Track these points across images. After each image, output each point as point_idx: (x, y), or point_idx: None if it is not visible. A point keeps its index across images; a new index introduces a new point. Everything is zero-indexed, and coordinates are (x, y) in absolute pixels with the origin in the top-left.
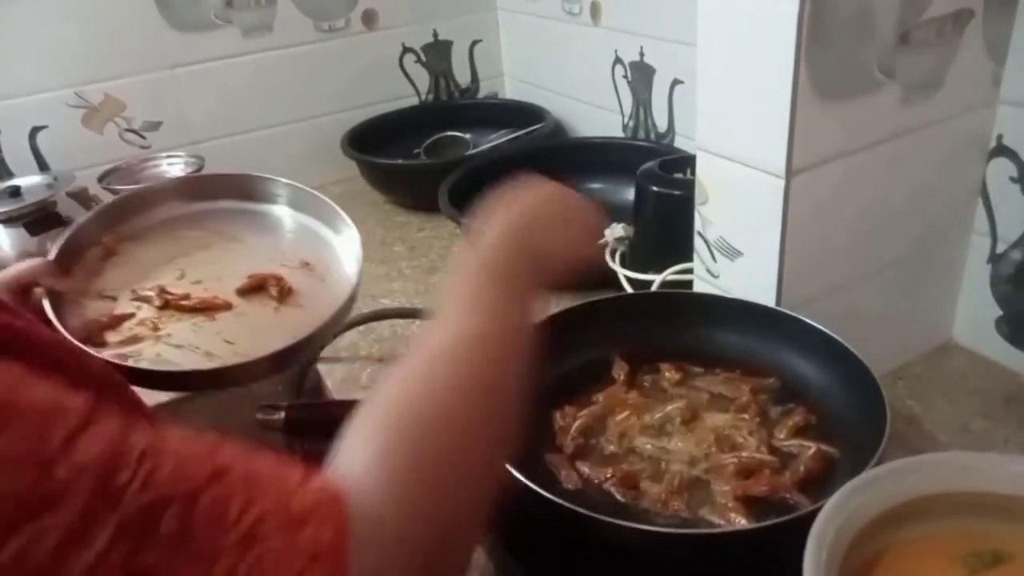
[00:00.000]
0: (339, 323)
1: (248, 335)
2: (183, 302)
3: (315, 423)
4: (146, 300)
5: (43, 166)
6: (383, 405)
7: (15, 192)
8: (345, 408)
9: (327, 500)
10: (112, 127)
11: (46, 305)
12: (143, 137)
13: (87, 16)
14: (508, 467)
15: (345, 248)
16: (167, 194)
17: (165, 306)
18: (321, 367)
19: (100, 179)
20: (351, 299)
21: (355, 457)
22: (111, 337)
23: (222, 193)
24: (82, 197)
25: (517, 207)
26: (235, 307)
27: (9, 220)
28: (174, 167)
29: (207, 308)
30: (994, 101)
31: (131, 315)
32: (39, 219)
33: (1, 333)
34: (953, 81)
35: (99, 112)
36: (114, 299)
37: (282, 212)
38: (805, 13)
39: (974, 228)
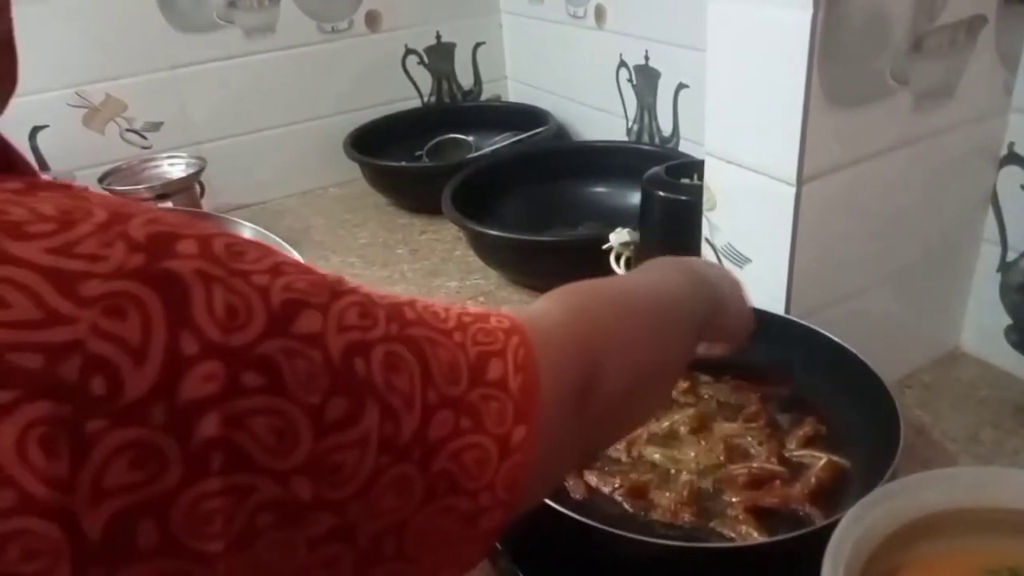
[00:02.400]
0: None
1: None
2: None
3: None
4: None
5: (43, 166)
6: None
7: None
8: None
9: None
10: (113, 127)
11: None
12: (144, 137)
13: (89, 16)
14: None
15: None
16: None
17: None
18: None
19: (100, 180)
20: None
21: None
22: None
23: None
24: None
25: (726, 276)
26: None
27: None
28: (175, 168)
29: None
30: (1006, 109)
31: None
32: None
33: None
34: (965, 89)
35: (100, 112)
36: None
37: None
38: (818, 20)
39: (984, 236)
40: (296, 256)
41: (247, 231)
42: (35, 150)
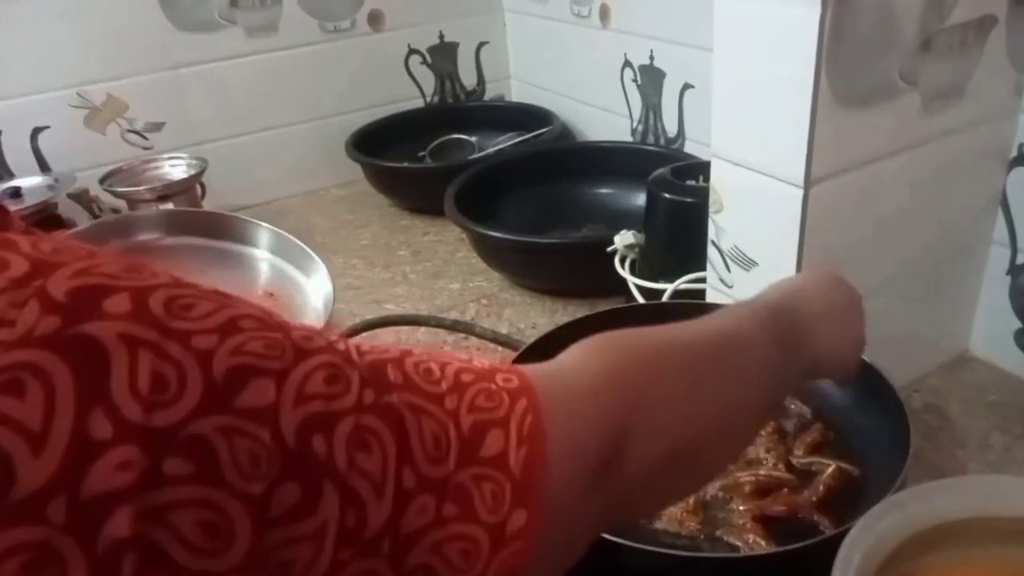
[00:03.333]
0: None
1: None
2: None
3: None
4: None
5: (44, 167)
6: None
7: (16, 193)
8: None
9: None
10: (114, 128)
11: None
12: (145, 138)
13: (90, 16)
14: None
15: (315, 288)
16: (148, 223)
17: None
18: None
19: (102, 180)
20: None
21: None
22: None
23: (200, 230)
24: (83, 198)
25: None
26: None
27: None
28: (176, 168)
29: None
30: (1016, 110)
31: None
32: (40, 221)
33: None
34: (975, 90)
35: (101, 112)
36: None
37: (258, 254)
38: (826, 20)
39: (993, 239)
40: (319, 262)
41: (263, 231)
42: (36, 151)
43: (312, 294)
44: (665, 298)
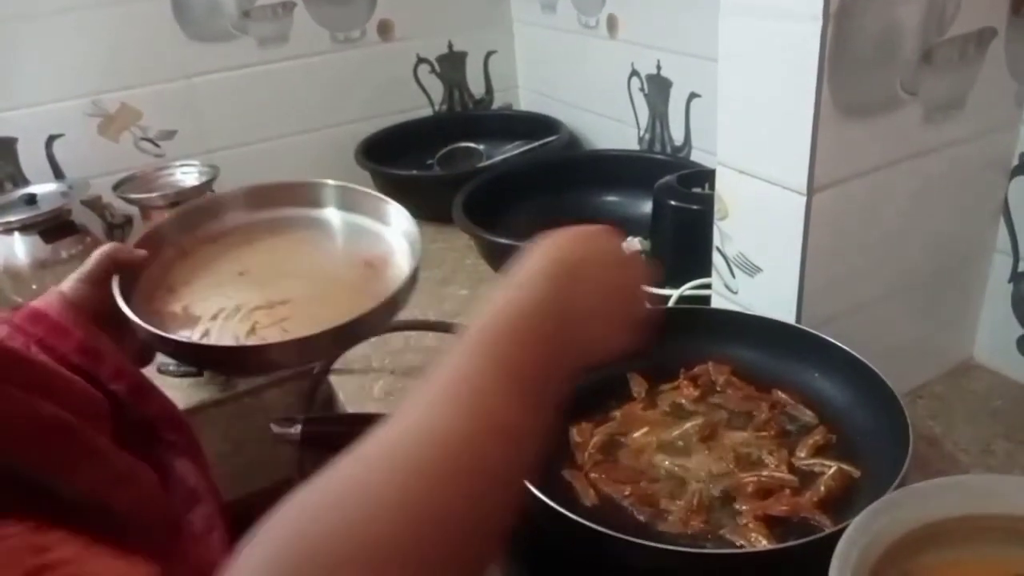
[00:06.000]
0: (400, 300)
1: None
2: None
3: (332, 437)
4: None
5: (59, 174)
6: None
7: (31, 200)
8: (362, 422)
9: None
10: (128, 136)
11: (115, 289)
12: (158, 146)
13: (104, 27)
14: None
15: (397, 235)
16: (235, 201)
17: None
18: (333, 379)
19: (115, 187)
20: (412, 278)
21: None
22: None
23: (282, 200)
24: (96, 205)
25: (560, 259)
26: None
27: (24, 228)
28: (188, 176)
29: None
30: (1016, 120)
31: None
32: (54, 227)
33: None
34: (975, 100)
35: (115, 121)
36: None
37: (332, 215)
38: (828, 32)
39: (996, 247)
40: (390, 204)
41: (390, 207)
42: (51, 158)
43: (397, 243)
44: (671, 303)
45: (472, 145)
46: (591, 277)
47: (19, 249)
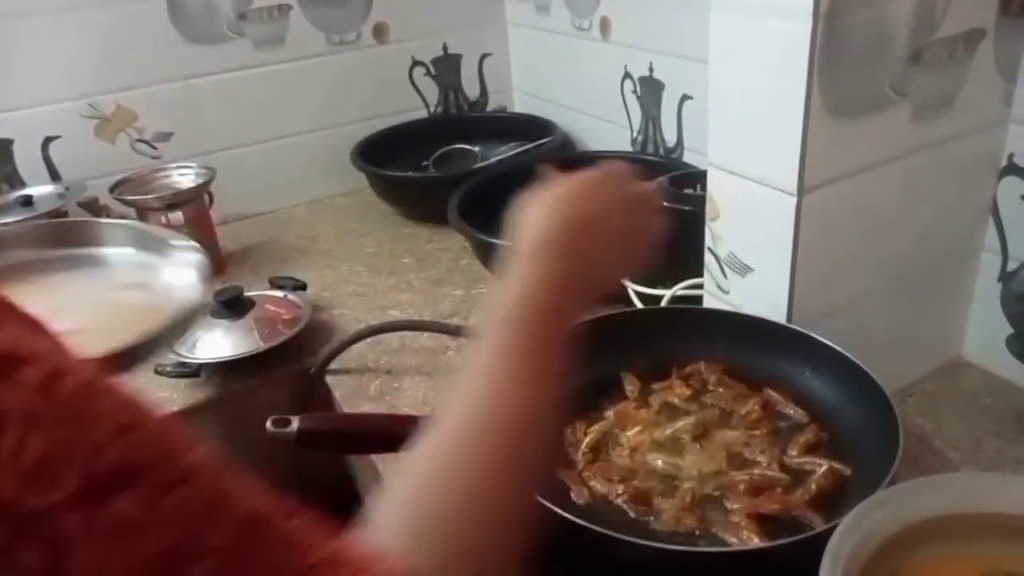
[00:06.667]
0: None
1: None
2: None
3: (328, 436)
4: None
5: (55, 176)
6: (412, 484)
7: (27, 201)
8: (357, 421)
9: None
10: (124, 137)
11: None
12: (154, 148)
13: (101, 29)
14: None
15: (180, 265)
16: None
17: None
18: (329, 379)
19: (111, 189)
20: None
21: (391, 542)
22: None
23: (66, 240)
24: (93, 207)
25: (566, 225)
26: None
27: None
28: (184, 177)
29: None
30: (1005, 120)
31: None
32: None
33: None
34: (964, 100)
35: (111, 122)
36: None
37: (119, 253)
38: (818, 32)
39: (985, 246)
40: (177, 243)
41: (120, 229)
42: (47, 160)
43: (179, 271)
44: (663, 304)
45: (467, 147)
46: (600, 233)
47: None
